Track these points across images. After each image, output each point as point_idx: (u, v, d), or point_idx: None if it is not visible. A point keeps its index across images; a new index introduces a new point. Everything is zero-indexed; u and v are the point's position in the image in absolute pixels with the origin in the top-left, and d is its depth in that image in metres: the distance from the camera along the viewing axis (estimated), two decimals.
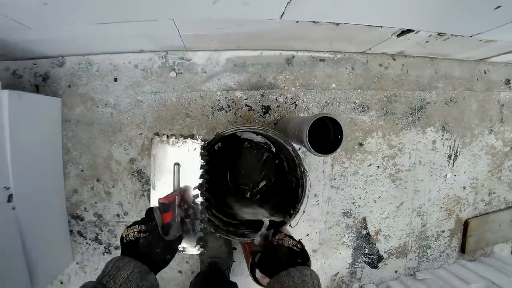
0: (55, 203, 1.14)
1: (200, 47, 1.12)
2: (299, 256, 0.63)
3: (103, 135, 1.15)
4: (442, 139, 1.37)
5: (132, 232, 0.58)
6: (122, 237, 0.59)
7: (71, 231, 1.20)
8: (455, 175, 1.42)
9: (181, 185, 0.73)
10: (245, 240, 0.93)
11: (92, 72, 1.14)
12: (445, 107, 1.36)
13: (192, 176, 0.73)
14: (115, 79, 1.14)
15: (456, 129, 1.39)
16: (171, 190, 0.72)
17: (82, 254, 1.22)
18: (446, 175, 1.40)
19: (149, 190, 1.17)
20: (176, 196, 0.68)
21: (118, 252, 0.78)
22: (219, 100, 1.13)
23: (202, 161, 0.73)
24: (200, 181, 0.73)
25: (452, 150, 1.40)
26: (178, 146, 0.74)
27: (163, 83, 1.13)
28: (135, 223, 0.61)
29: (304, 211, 1.23)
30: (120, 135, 1.15)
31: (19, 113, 0.90)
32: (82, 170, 1.17)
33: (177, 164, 0.72)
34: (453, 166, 1.41)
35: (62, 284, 1.25)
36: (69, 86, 1.15)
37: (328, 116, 0.80)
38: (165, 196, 0.65)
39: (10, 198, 0.89)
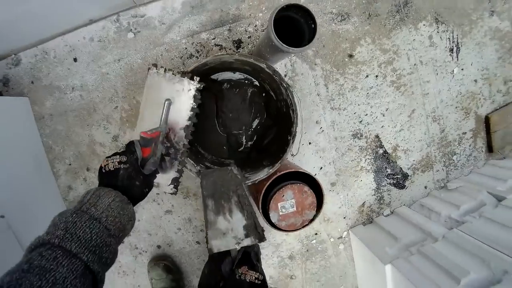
0: (52, 205, 1.09)
1: None
2: None
3: (79, 120, 1.08)
4: (438, 32, 1.25)
5: (112, 163, 0.55)
6: (101, 167, 0.56)
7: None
8: (462, 69, 1.30)
9: (168, 123, 0.70)
10: (248, 183, 0.86)
11: (50, 60, 1.07)
12: None
13: (180, 116, 0.71)
14: (75, 60, 1.07)
15: (451, 19, 1.26)
16: (157, 125, 0.69)
17: None
18: (453, 70, 1.28)
19: None
20: (160, 133, 0.66)
21: None
22: (186, 48, 1.04)
23: (194, 103, 0.70)
24: (188, 123, 0.71)
25: (453, 42, 1.27)
26: (173, 83, 0.71)
27: (123, 48, 1.05)
28: (115, 153, 0.58)
29: (310, 142, 1.15)
30: (96, 115, 1.08)
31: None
32: (70, 164, 1.11)
33: (168, 100, 0.70)
34: (457, 60, 1.29)
35: None
36: (32, 82, 1.08)
37: (291, 4, 0.71)
38: (148, 131, 0.62)
39: None
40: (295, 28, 0.79)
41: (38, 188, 1.05)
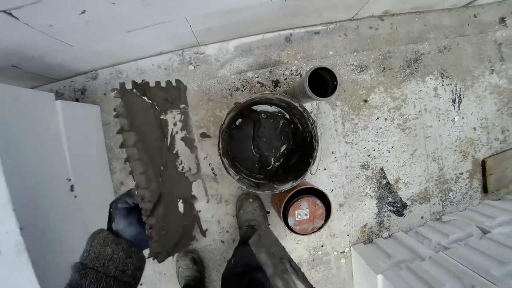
0: (106, 194, 1.34)
1: (210, 40, 1.31)
2: None
3: None
4: (443, 85, 1.48)
5: None
6: None
7: None
8: (463, 118, 1.51)
9: None
10: (276, 191, 1.09)
11: (122, 79, 1.36)
12: (440, 55, 1.47)
13: None
14: (143, 81, 1.35)
15: (455, 74, 1.49)
16: None
17: None
18: (454, 118, 1.50)
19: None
20: None
21: None
22: (234, 82, 1.31)
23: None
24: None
25: (455, 94, 1.50)
26: None
27: (184, 76, 1.33)
28: None
29: (325, 169, 1.39)
30: None
31: (69, 118, 1.10)
32: (125, 164, 1.38)
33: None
34: (459, 109, 1.51)
35: None
36: (104, 94, 1.37)
37: (322, 67, 0.96)
38: None
39: (72, 188, 1.09)
40: (322, 80, 1.03)
41: (97, 177, 1.30)
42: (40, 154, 0.94)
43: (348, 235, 1.44)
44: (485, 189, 1.59)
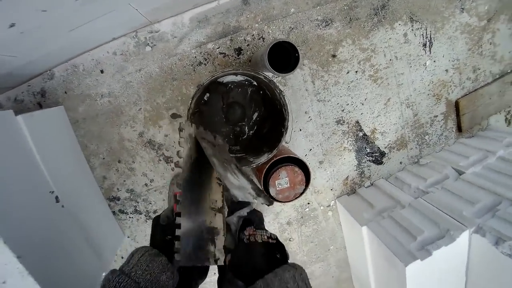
0: (92, 193, 1.33)
1: (162, 16, 1.21)
2: (276, 251, 0.56)
3: (109, 122, 1.31)
4: (412, 30, 1.43)
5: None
6: None
7: (113, 212, 1.42)
8: (434, 61, 1.50)
9: None
10: (253, 166, 1.10)
11: (80, 73, 1.28)
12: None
13: None
14: (101, 71, 1.28)
15: (424, 17, 1.44)
16: None
17: (130, 228, 1.44)
18: (426, 62, 1.48)
19: (163, 154, 1.35)
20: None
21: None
22: (195, 56, 1.25)
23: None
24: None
25: (426, 37, 1.46)
26: None
27: (143, 59, 1.25)
28: None
29: (300, 129, 1.39)
30: (123, 117, 1.30)
31: (35, 129, 1.03)
32: (104, 158, 1.36)
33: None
34: (430, 53, 1.48)
35: (123, 258, 1.50)
36: (65, 92, 1.29)
37: (281, 40, 0.91)
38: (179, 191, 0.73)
39: (57, 199, 1.07)
40: (284, 51, 0.98)
41: (79, 178, 1.29)
42: (15, 176, 0.90)
43: (331, 190, 1.50)
44: (459, 129, 1.64)
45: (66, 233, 1.06)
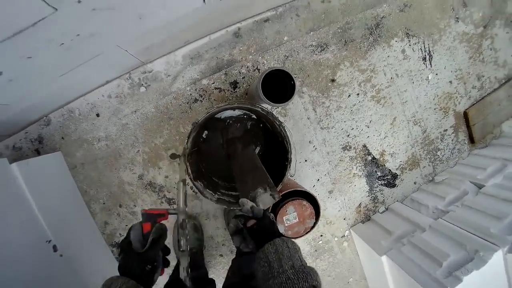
0: (93, 240, 1.26)
1: (154, 56, 1.18)
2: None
3: (108, 166, 1.26)
4: (410, 45, 1.38)
5: (117, 257, 0.65)
6: None
7: (117, 258, 1.33)
8: (436, 74, 1.43)
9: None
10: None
11: (76, 118, 1.24)
12: (402, 14, 1.36)
13: None
14: (97, 115, 1.24)
15: (420, 31, 1.39)
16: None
17: None
18: (428, 76, 1.41)
19: (164, 196, 1.28)
20: (170, 214, 0.67)
21: None
22: (190, 94, 1.20)
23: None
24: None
25: (425, 51, 1.40)
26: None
27: (138, 101, 1.21)
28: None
29: (305, 160, 1.31)
30: (122, 160, 1.25)
31: (31, 177, 0.99)
32: (104, 203, 1.29)
33: (182, 181, 0.71)
34: (431, 66, 1.42)
35: None
36: (62, 137, 1.25)
37: (273, 69, 0.86)
38: (149, 209, 0.67)
39: (55, 248, 1.01)
40: (279, 79, 0.93)
41: (79, 225, 1.22)
42: (10, 226, 0.85)
43: (344, 219, 1.39)
44: (471, 140, 1.54)
45: (64, 284, 0.99)
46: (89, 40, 0.80)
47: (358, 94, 1.31)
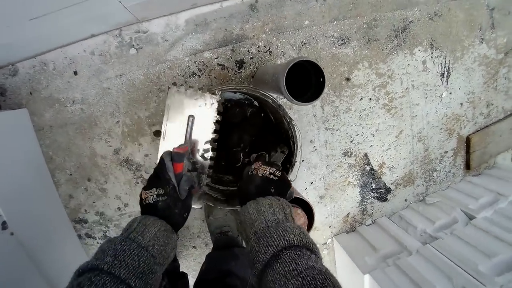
0: (54, 214, 1.10)
1: (153, 14, 0.99)
2: (273, 185, 0.59)
3: (80, 133, 1.07)
4: (432, 57, 1.27)
5: (151, 196, 0.56)
6: (141, 200, 0.57)
7: (79, 236, 1.18)
8: (450, 93, 1.34)
9: (192, 138, 0.72)
10: None
11: (49, 72, 1.03)
12: (431, 22, 1.24)
13: (203, 131, 0.72)
14: (75, 73, 1.04)
15: (445, 44, 1.28)
16: (182, 141, 0.71)
17: None
18: (442, 94, 1.32)
19: (141, 176, 1.13)
20: (188, 148, 0.67)
21: None
22: (188, 66, 1.03)
23: (218, 116, 0.72)
24: (213, 136, 0.73)
25: (444, 67, 1.30)
26: (195, 99, 0.71)
27: (125, 63, 1.02)
28: (150, 184, 0.58)
29: (303, 160, 1.19)
30: (97, 129, 1.07)
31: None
32: (71, 174, 1.12)
33: (191, 116, 0.71)
34: (447, 84, 1.32)
35: None
36: (30, 93, 1.05)
37: (304, 59, 0.71)
38: (178, 146, 0.63)
39: (3, 225, 0.84)
40: (302, 71, 0.78)
41: (39, 196, 1.06)
42: None
43: (330, 227, 1.31)
44: (467, 166, 1.49)
45: (13, 267, 0.84)
46: None
47: (370, 99, 1.20)
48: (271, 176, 0.59)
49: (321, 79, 0.71)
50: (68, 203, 1.14)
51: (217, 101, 0.72)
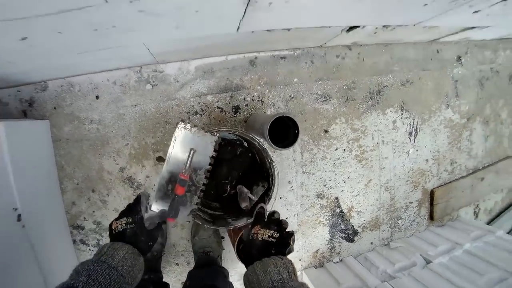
0: (56, 216, 1.22)
1: (170, 59, 1.20)
2: (273, 247, 0.65)
3: (93, 149, 1.23)
4: (401, 118, 1.47)
5: (120, 224, 0.66)
6: (111, 229, 0.67)
7: (74, 241, 1.29)
8: (417, 150, 1.53)
9: (191, 167, 0.86)
10: (230, 227, 1.04)
11: (74, 93, 1.22)
12: (402, 88, 1.46)
13: (200, 162, 0.87)
14: (97, 97, 1.22)
15: (414, 108, 1.49)
16: (182, 168, 0.84)
17: None
18: (409, 151, 1.51)
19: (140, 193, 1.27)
20: (188, 176, 0.83)
21: None
22: (193, 105, 1.22)
23: (214, 152, 0.87)
24: (208, 167, 0.87)
25: (412, 127, 1.50)
26: (198, 136, 0.87)
27: (141, 96, 1.21)
28: (121, 215, 0.69)
29: (280, 197, 1.35)
30: (108, 148, 1.23)
31: (15, 140, 0.96)
32: (78, 184, 1.26)
33: (193, 149, 0.86)
34: (414, 142, 1.52)
35: None
36: (54, 108, 1.22)
37: (285, 115, 0.90)
38: (182, 173, 0.80)
39: (19, 217, 0.96)
40: (283, 124, 0.97)
41: (46, 198, 1.18)
42: None
43: (300, 260, 1.43)
44: (431, 217, 1.64)
45: (17, 253, 0.95)
46: (121, 33, 0.81)
47: (344, 149, 1.38)
48: (270, 239, 0.65)
49: (296, 131, 0.89)
50: (70, 209, 1.27)
51: (215, 141, 0.88)
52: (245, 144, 1.21)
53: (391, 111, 1.44)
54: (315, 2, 0.80)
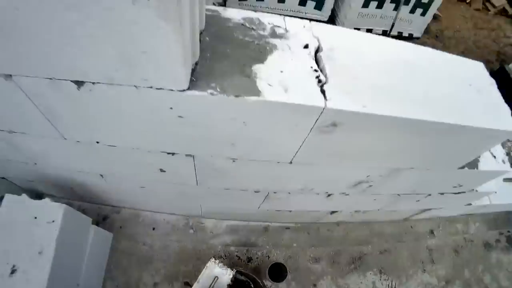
0: None
1: (211, 216, 1.70)
2: None
3: (138, 263, 1.68)
4: (380, 280, 1.82)
5: None
6: None
7: None
8: None
9: None
10: None
11: (138, 221, 1.73)
12: (381, 255, 1.84)
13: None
14: (154, 229, 1.72)
15: (392, 272, 1.84)
16: None
17: None
18: None
19: None
20: None
21: None
22: (219, 251, 1.68)
23: (230, 282, 1.24)
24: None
25: None
26: (221, 269, 1.29)
27: (184, 236, 1.69)
28: None
29: None
30: (150, 266, 1.68)
31: (95, 239, 1.41)
32: (117, 286, 1.68)
33: (216, 277, 1.23)
34: None
35: None
36: (120, 227, 1.72)
37: (277, 262, 1.33)
38: None
39: None
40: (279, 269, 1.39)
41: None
42: (69, 268, 1.25)
43: None
44: None
45: None
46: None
47: None
48: None
49: (285, 273, 1.30)
50: None
51: (233, 275, 1.29)
52: (252, 285, 1.61)
53: (370, 273, 1.80)
54: (305, 198, 1.28)
